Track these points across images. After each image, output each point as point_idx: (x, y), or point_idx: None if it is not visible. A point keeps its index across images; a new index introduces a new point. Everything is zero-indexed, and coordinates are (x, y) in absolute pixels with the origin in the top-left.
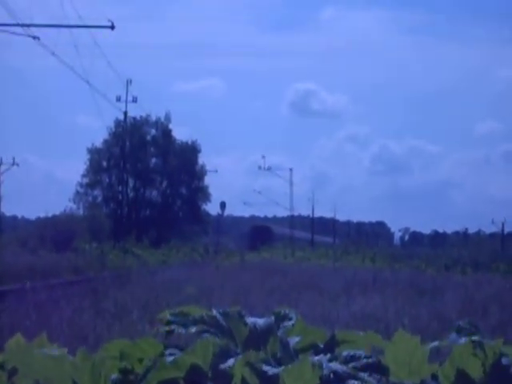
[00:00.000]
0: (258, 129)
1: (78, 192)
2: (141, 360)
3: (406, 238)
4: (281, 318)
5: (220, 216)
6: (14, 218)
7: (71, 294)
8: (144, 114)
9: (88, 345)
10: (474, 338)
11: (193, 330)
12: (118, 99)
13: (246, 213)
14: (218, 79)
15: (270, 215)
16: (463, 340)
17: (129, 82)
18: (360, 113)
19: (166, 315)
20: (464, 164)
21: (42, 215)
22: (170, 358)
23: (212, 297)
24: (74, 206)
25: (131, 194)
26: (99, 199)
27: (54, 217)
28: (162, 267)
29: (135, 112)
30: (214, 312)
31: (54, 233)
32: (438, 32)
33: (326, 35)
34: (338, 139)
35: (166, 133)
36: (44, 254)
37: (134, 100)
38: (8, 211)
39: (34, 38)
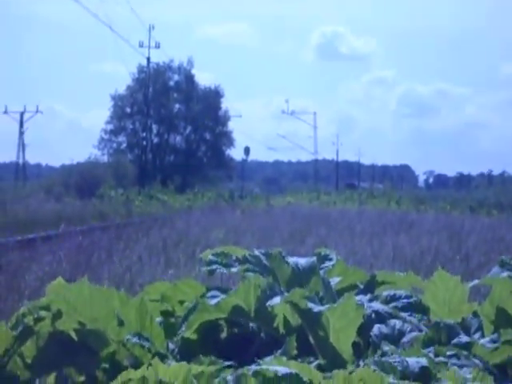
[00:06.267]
0: (282, 73)
1: (102, 139)
2: (182, 302)
3: (431, 180)
4: (321, 259)
5: (244, 161)
6: (38, 165)
7: (99, 239)
8: (167, 60)
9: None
10: None
11: (234, 269)
12: (141, 45)
13: (270, 157)
14: (244, 24)
15: (293, 160)
16: (505, 273)
17: (151, 28)
18: (387, 56)
19: (208, 255)
20: (489, 106)
21: (67, 163)
22: (213, 301)
23: (239, 240)
24: (99, 153)
25: (155, 140)
26: (123, 146)
27: (79, 164)
28: (187, 212)
29: (158, 58)
30: (257, 252)
31: (79, 180)
32: None
33: None
34: (364, 82)
35: (189, 78)
36: (69, 201)
37: (157, 46)
38: (32, 159)
39: None
